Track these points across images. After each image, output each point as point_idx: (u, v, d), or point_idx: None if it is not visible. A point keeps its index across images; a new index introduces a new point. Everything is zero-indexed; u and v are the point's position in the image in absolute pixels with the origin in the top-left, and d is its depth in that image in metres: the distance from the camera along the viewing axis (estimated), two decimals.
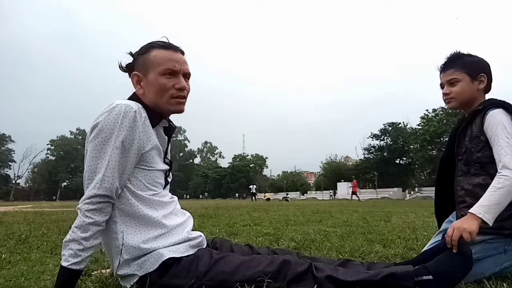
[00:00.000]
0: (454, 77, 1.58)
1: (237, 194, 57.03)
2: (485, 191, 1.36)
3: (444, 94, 1.62)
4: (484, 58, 1.62)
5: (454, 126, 1.73)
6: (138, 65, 1.30)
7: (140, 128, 1.19)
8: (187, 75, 1.32)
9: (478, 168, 1.49)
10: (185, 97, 1.30)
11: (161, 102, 1.26)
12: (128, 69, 1.33)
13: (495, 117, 1.44)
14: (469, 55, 1.61)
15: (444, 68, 1.62)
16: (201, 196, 64.18)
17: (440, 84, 1.66)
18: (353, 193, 25.64)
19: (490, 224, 1.29)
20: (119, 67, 1.33)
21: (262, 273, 1.18)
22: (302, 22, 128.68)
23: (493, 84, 1.61)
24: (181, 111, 1.30)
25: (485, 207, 1.30)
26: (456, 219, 1.55)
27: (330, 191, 40.22)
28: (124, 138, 1.15)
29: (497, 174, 1.36)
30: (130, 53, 1.33)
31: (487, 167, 1.44)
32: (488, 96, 1.61)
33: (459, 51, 1.62)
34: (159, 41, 1.30)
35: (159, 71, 1.24)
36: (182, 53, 1.33)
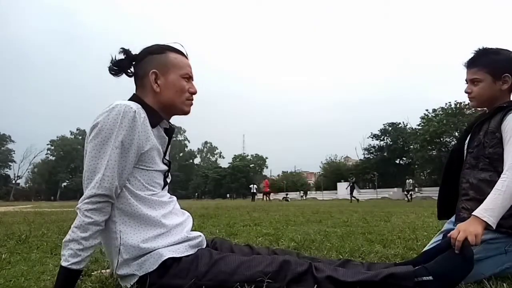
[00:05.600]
0: (476, 76, 1.54)
1: (228, 195, 56.72)
2: (490, 187, 1.35)
3: (466, 93, 1.59)
4: None
5: (471, 121, 1.69)
6: (153, 64, 1.30)
7: (140, 128, 1.19)
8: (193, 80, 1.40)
9: (487, 163, 1.47)
10: (193, 101, 1.39)
11: (178, 102, 1.33)
12: (120, 66, 1.31)
13: None
14: (496, 52, 1.54)
15: (469, 66, 1.58)
16: (195, 196, 63.84)
17: (465, 80, 1.62)
18: (265, 193, 23.88)
19: (494, 227, 1.29)
20: (113, 63, 1.30)
21: (262, 273, 1.18)
22: (302, 22, 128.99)
23: None
24: (189, 112, 1.38)
25: (490, 210, 1.29)
26: (457, 211, 1.55)
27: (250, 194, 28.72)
28: (124, 138, 1.16)
29: (502, 176, 1.35)
30: (125, 50, 1.32)
31: (496, 164, 1.42)
32: None
33: (486, 48, 1.57)
34: (171, 46, 1.35)
35: (180, 73, 1.32)
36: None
